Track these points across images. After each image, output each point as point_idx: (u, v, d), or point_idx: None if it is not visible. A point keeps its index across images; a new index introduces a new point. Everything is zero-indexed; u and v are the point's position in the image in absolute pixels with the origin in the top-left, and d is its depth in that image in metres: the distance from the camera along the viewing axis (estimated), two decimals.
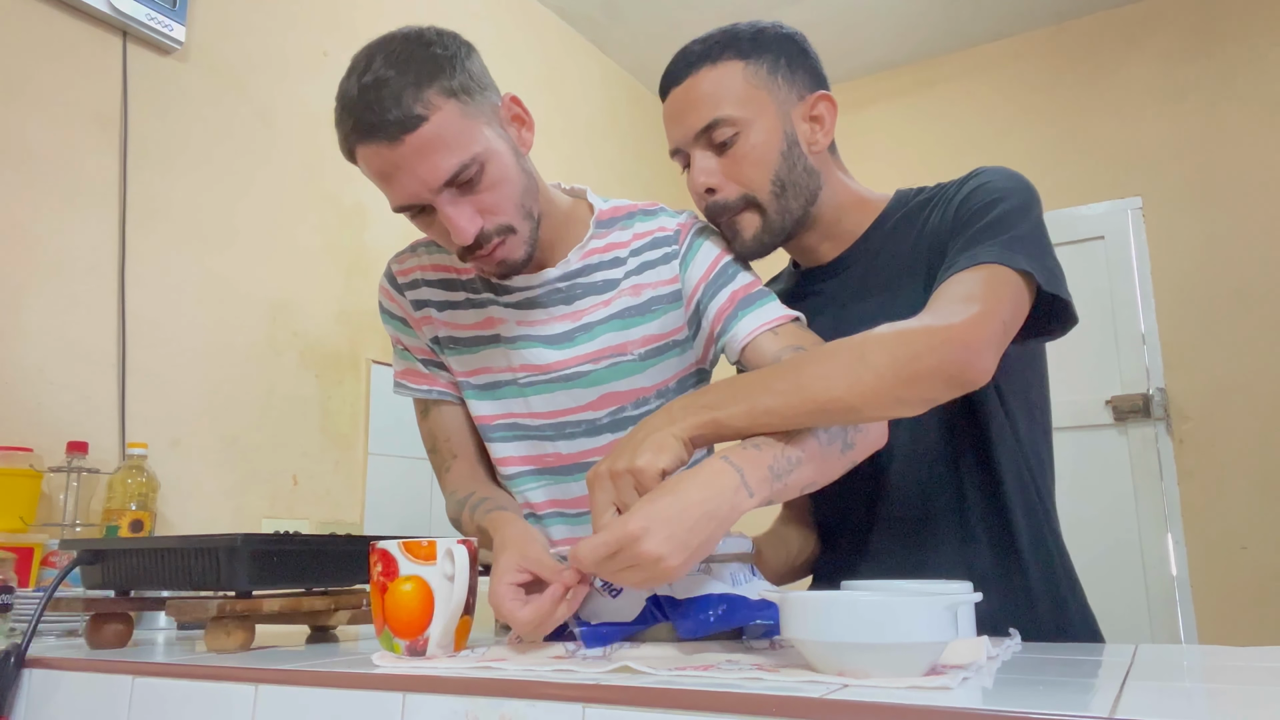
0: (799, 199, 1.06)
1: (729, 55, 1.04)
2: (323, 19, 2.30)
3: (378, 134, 0.93)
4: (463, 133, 0.94)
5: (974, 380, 0.80)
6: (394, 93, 0.92)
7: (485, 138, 0.96)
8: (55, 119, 1.72)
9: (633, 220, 1.10)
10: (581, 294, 1.07)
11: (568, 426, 1.08)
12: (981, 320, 0.82)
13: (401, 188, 0.95)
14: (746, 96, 1.03)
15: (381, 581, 0.79)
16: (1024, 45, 3.59)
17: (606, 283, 1.07)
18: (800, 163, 1.05)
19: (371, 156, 0.95)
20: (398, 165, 0.93)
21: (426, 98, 0.92)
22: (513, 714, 0.61)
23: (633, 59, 3.64)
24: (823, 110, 1.07)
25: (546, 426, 1.09)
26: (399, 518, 2.33)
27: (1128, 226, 3.31)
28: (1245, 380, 3.05)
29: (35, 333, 1.64)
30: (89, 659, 0.89)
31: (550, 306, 1.08)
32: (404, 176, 0.94)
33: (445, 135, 0.92)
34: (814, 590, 0.96)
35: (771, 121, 1.04)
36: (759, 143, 1.03)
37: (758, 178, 1.03)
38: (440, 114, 0.92)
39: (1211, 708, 0.54)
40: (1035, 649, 0.81)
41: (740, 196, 1.04)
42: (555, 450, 1.09)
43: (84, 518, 1.56)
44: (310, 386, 2.16)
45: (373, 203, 2.40)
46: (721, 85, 1.03)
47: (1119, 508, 3.15)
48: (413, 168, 0.93)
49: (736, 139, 1.02)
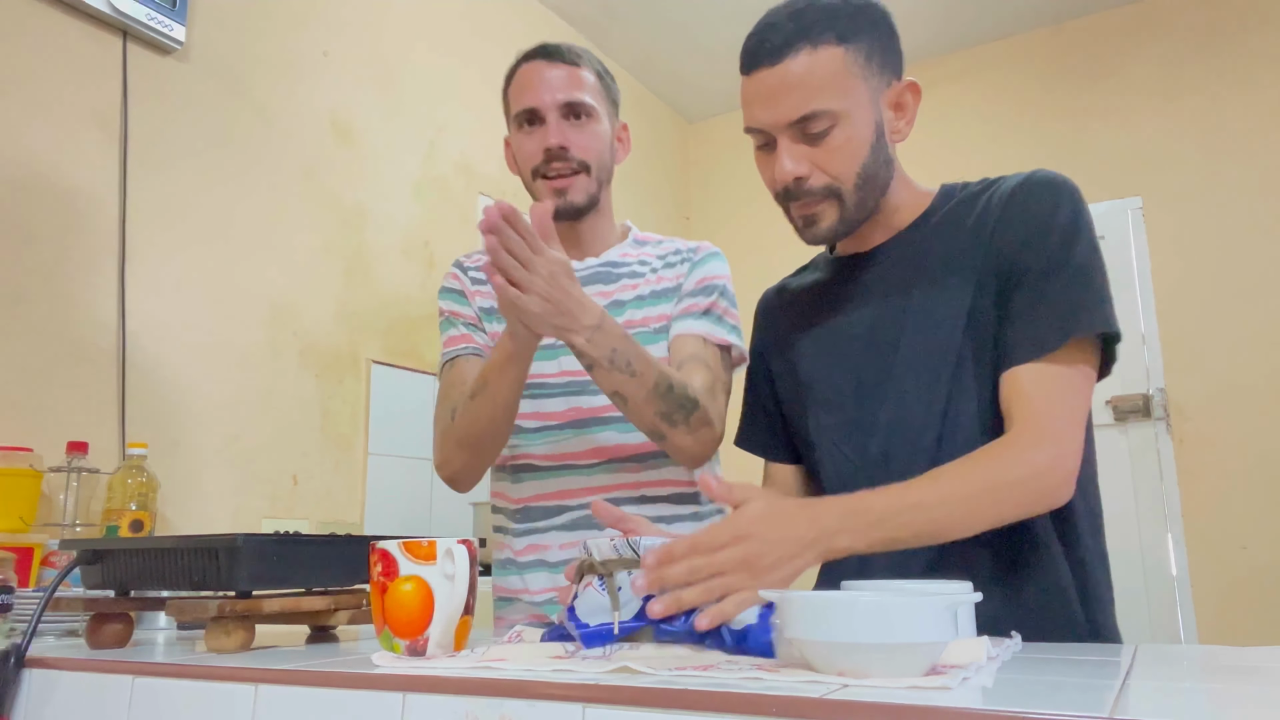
0: (875, 191, 1.04)
1: (829, 38, 0.97)
2: (323, 19, 2.30)
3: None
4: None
5: (1056, 506, 0.92)
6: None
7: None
8: (55, 119, 1.72)
9: (662, 241, 1.38)
10: (616, 279, 1.32)
11: (590, 385, 1.24)
12: (1065, 456, 0.90)
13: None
14: (846, 86, 0.97)
15: (381, 581, 0.79)
16: (1024, 45, 3.59)
17: (635, 273, 1.33)
18: (883, 153, 1.03)
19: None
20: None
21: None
22: (513, 714, 0.61)
23: (633, 59, 3.64)
24: (908, 98, 1.04)
25: (573, 384, 1.28)
26: (399, 518, 2.33)
27: (1128, 226, 3.31)
28: (1245, 380, 3.05)
29: (35, 333, 1.64)
30: (89, 659, 0.88)
31: (589, 285, 1.29)
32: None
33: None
34: (814, 590, 0.96)
35: (866, 112, 1.00)
36: (853, 135, 0.99)
37: (847, 170, 1.00)
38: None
39: (1211, 708, 0.54)
40: (1035, 649, 0.81)
41: (825, 186, 1.00)
42: (577, 405, 1.28)
43: (84, 518, 1.56)
44: (310, 386, 2.16)
45: (373, 203, 2.40)
46: (820, 73, 0.96)
47: (1119, 508, 3.15)
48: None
49: (831, 131, 0.97)
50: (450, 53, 2.76)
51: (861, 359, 1.06)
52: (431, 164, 2.64)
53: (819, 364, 1.11)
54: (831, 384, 1.09)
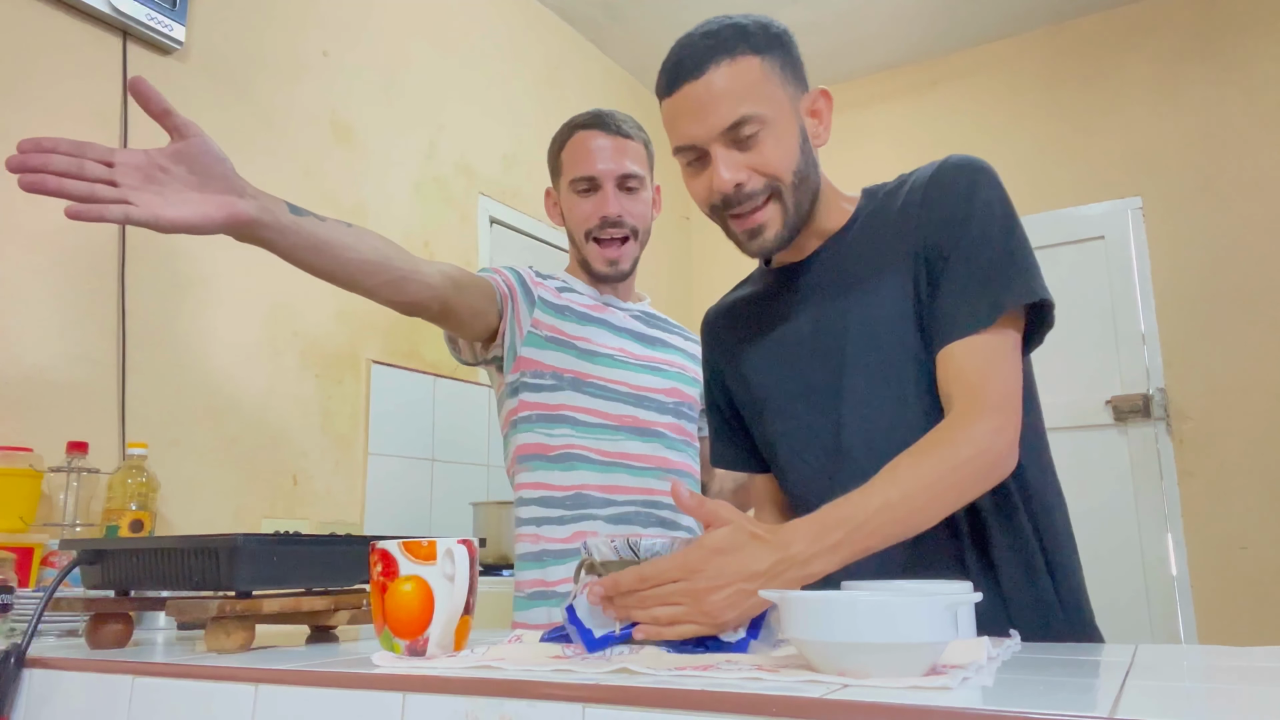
0: (809, 194, 1.06)
1: (744, 50, 1.01)
2: (323, 19, 2.30)
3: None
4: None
5: (1005, 476, 0.93)
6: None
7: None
8: (55, 119, 1.72)
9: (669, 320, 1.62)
10: (656, 326, 1.58)
11: (648, 398, 1.48)
12: (1006, 426, 0.91)
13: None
14: (767, 93, 1.01)
15: (381, 581, 0.79)
16: (1024, 45, 3.59)
17: (667, 326, 1.61)
18: (810, 156, 1.06)
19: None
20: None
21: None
22: (513, 714, 0.61)
23: (633, 59, 3.64)
24: (822, 105, 1.08)
25: (631, 395, 1.47)
26: (399, 518, 2.33)
27: (1128, 226, 3.31)
28: (1245, 380, 3.05)
29: (35, 333, 1.64)
30: (89, 659, 0.88)
31: (637, 322, 1.55)
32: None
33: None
34: (814, 590, 0.95)
35: (789, 118, 1.03)
36: (782, 137, 1.02)
37: (783, 169, 1.02)
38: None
39: (1211, 708, 0.54)
40: (1035, 649, 0.81)
41: (766, 185, 1.02)
42: (635, 414, 1.46)
43: (84, 518, 1.56)
44: (310, 386, 2.16)
45: (373, 202, 2.40)
46: (743, 80, 1.00)
47: (1119, 508, 3.15)
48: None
49: (761, 135, 1.01)
50: (450, 53, 2.76)
51: (808, 364, 1.08)
52: (431, 164, 2.64)
53: (769, 374, 1.13)
54: (783, 392, 1.11)
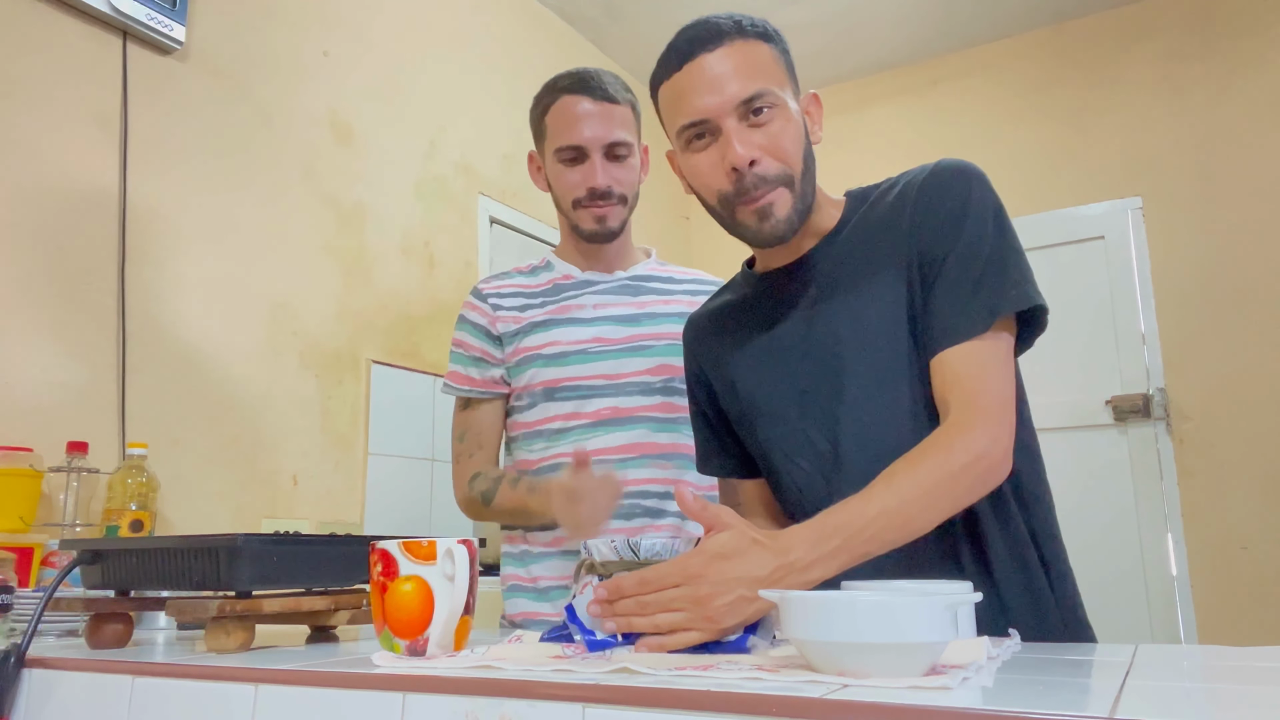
0: (812, 188, 1.05)
1: (755, 35, 1.01)
2: (323, 19, 2.30)
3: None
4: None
5: (1002, 481, 0.93)
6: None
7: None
8: (55, 119, 1.72)
9: (686, 270, 1.53)
10: (643, 292, 1.45)
11: (627, 386, 1.37)
12: (1002, 432, 0.91)
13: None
14: (778, 77, 1.01)
15: (381, 581, 0.79)
16: (1024, 45, 3.59)
17: (661, 290, 1.46)
18: (811, 150, 1.05)
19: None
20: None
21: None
22: (513, 714, 0.61)
23: (633, 59, 3.63)
24: (814, 107, 1.08)
25: (609, 386, 1.36)
26: (399, 518, 2.33)
27: (1128, 226, 3.31)
28: (1245, 380, 3.05)
29: (35, 333, 1.64)
30: (89, 659, 0.88)
31: (617, 295, 1.43)
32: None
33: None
34: (814, 590, 0.96)
35: (795, 106, 1.03)
36: (791, 122, 1.01)
37: (794, 155, 1.01)
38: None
39: (1211, 708, 0.54)
40: (1035, 649, 0.81)
41: (780, 173, 1.00)
42: (614, 405, 1.37)
43: (84, 518, 1.56)
44: (310, 386, 2.16)
45: (373, 202, 2.40)
46: (759, 58, 1.00)
47: (1119, 508, 3.15)
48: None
49: (774, 115, 1.00)
50: (450, 53, 2.77)
51: (800, 368, 1.06)
52: (431, 164, 2.64)
53: (758, 379, 1.11)
54: (774, 397, 1.09)
